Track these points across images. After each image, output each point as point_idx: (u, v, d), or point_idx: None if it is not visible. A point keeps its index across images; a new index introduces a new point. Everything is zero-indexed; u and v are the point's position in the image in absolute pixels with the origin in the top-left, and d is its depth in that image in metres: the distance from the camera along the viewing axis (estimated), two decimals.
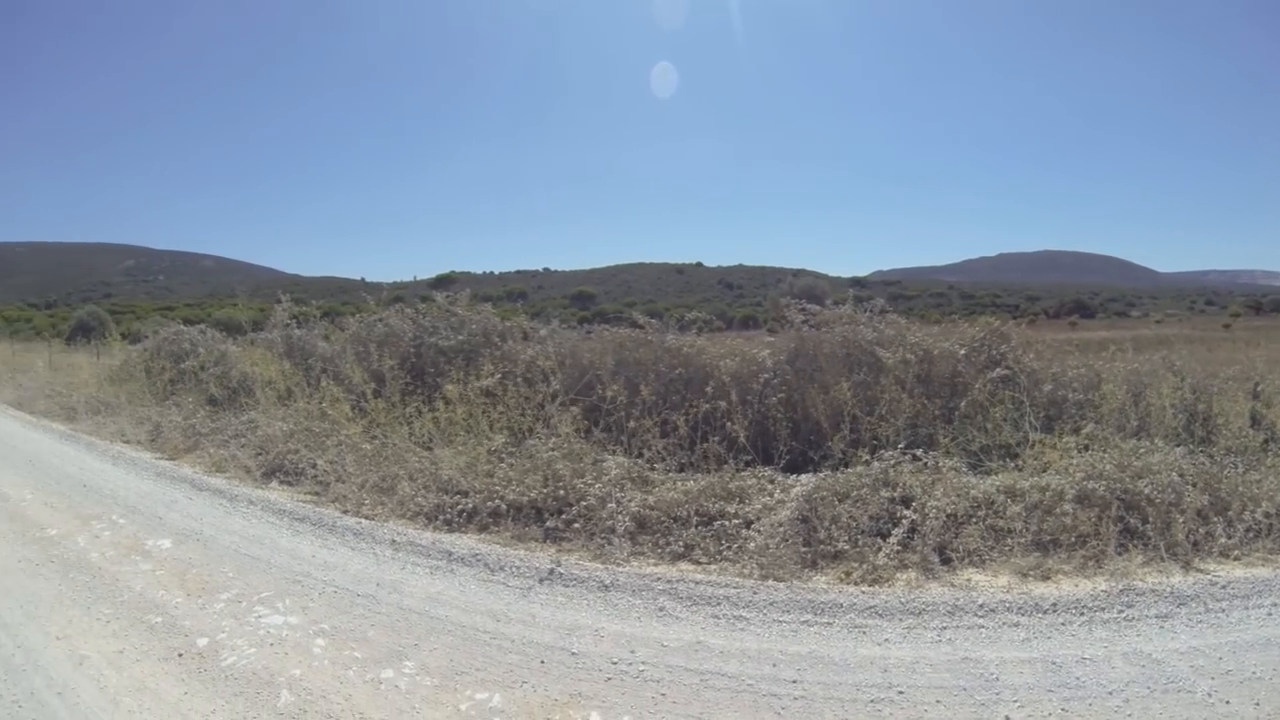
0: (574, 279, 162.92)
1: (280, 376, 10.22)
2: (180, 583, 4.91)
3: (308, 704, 3.42)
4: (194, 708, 3.43)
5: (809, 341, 7.30)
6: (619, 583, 4.68)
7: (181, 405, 10.73)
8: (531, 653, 3.87)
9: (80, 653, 4.00)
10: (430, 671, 3.68)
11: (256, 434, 8.52)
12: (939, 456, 5.78)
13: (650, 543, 5.24)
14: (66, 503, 7.00)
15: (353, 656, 3.86)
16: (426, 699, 3.44)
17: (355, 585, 4.79)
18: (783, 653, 3.82)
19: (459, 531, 5.72)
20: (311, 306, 12.47)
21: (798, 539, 4.97)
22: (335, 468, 6.99)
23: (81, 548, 5.68)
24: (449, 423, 7.29)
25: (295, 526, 6.01)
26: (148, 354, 13.74)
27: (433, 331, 9.18)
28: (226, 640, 4.07)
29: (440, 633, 4.12)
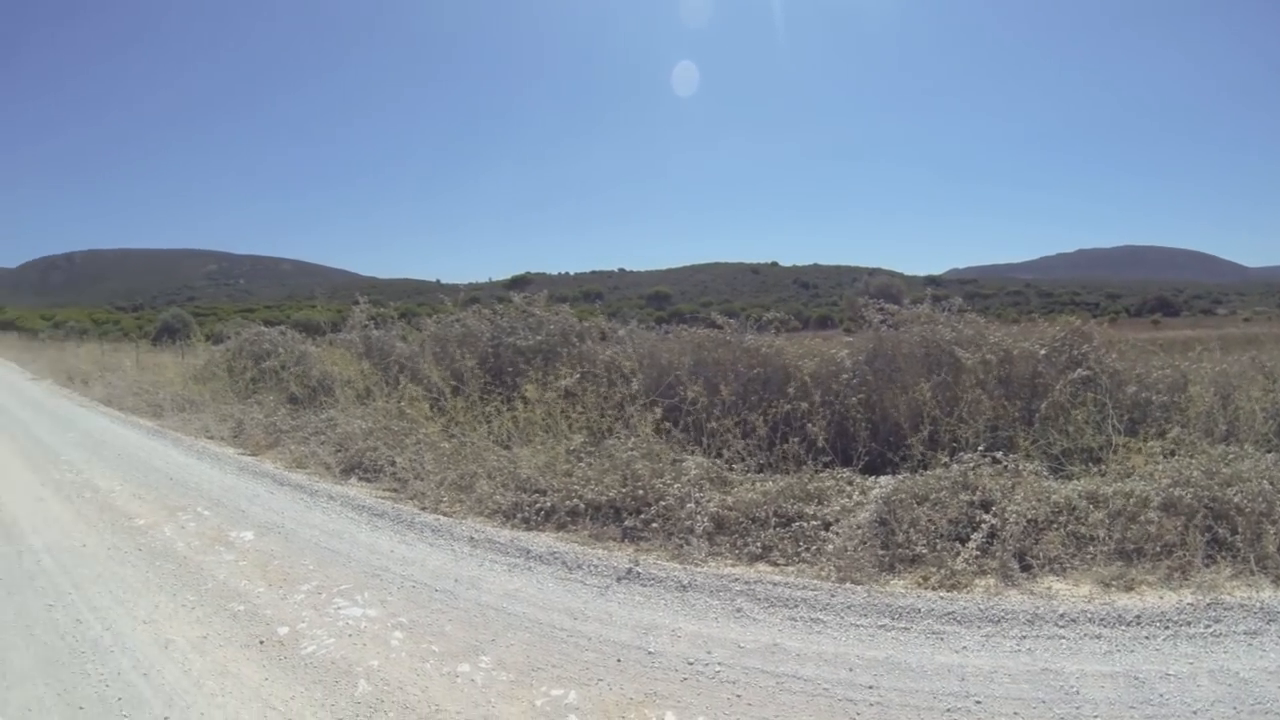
0: (649, 279, 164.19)
1: (359, 376, 10.59)
2: (262, 573, 5.14)
3: (385, 694, 3.53)
4: (274, 693, 3.58)
5: (887, 341, 7.27)
6: (696, 583, 4.71)
7: (263, 403, 11.26)
8: (608, 651, 3.92)
9: (165, 636, 4.23)
10: (506, 667, 3.77)
11: (336, 431, 8.88)
12: (1019, 459, 5.66)
13: (728, 543, 5.26)
14: (154, 495, 7.43)
15: (430, 650, 3.97)
16: (502, 694, 3.52)
17: (433, 580, 4.93)
18: (859, 657, 3.79)
19: (537, 530, 5.84)
20: (389, 308, 12.86)
21: (875, 542, 4.93)
22: (414, 465, 7.23)
23: (168, 537, 6.02)
24: (528, 422, 7.44)
25: (374, 522, 6.23)
26: (230, 354, 14.44)
27: (511, 332, 9.39)
28: (306, 630, 4.24)
29: (517, 629, 4.21)
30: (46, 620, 4.51)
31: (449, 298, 11.88)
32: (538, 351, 8.95)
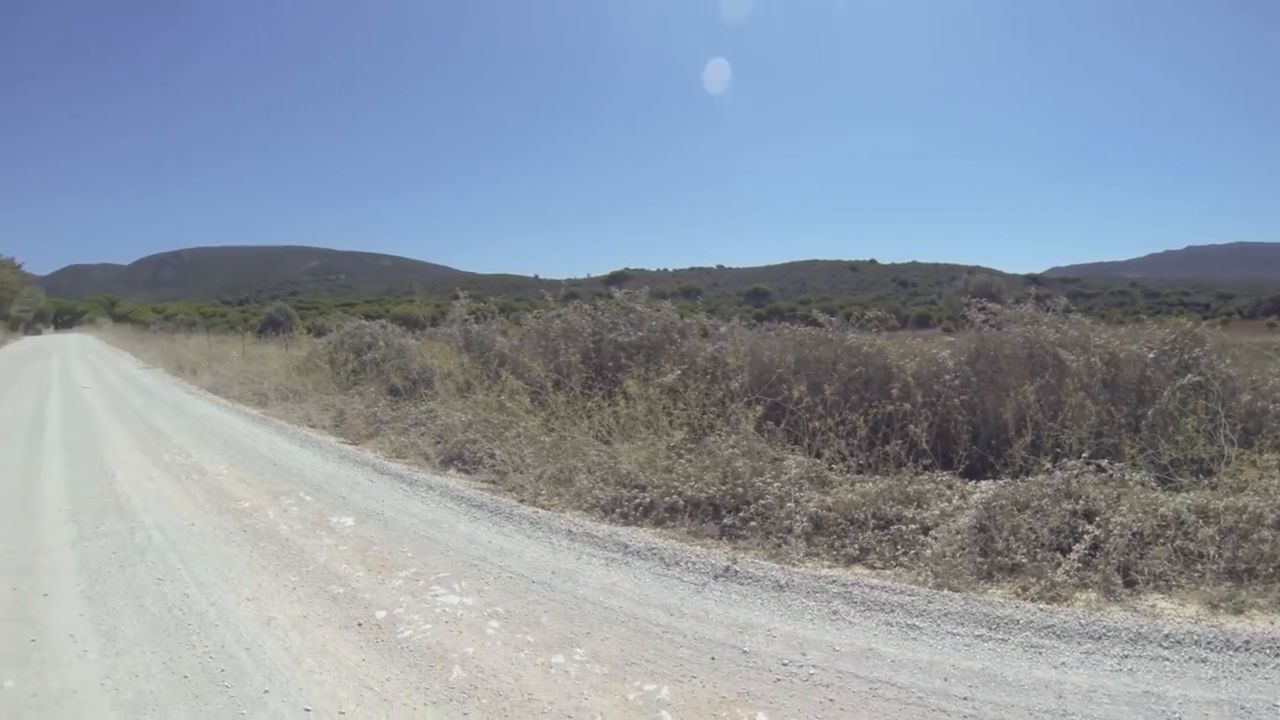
0: (748, 276, 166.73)
1: (459, 369, 10.90)
2: (361, 558, 5.36)
3: (478, 681, 3.64)
4: (370, 674, 3.73)
5: (990, 342, 7.11)
6: (794, 583, 4.70)
7: (364, 394, 11.78)
8: (702, 648, 3.95)
9: (267, 614, 4.46)
10: (601, 660, 3.83)
11: (436, 423, 9.18)
12: (1125, 468, 5.44)
13: (826, 544, 5.25)
14: (258, 479, 7.87)
15: (525, 640, 4.07)
16: (595, 686, 3.58)
17: (530, 572, 5.05)
18: (955, 667, 3.72)
19: (635, 525, 5.92)
20: (489, 303, 13.18)
21: (974, 548, 4.82)
22: (513, 458, 7.41)
23: (271, 520, 6.35)
24: (629, 418, 7.54)
25: (473, 513, 6.41)
26: (332, 346, 15.11)
27: (612, 328, 9.54)
28: (404, 615, 4.40)
29: (613, 623, 4.27)
30: (156, 593, 4.83)
31: (549, 293, 12.10)
32: (639, 347, 9.08)
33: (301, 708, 3.44)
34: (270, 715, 3.39)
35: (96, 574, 5.21)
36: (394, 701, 3.48)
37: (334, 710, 3.41)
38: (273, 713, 3.41)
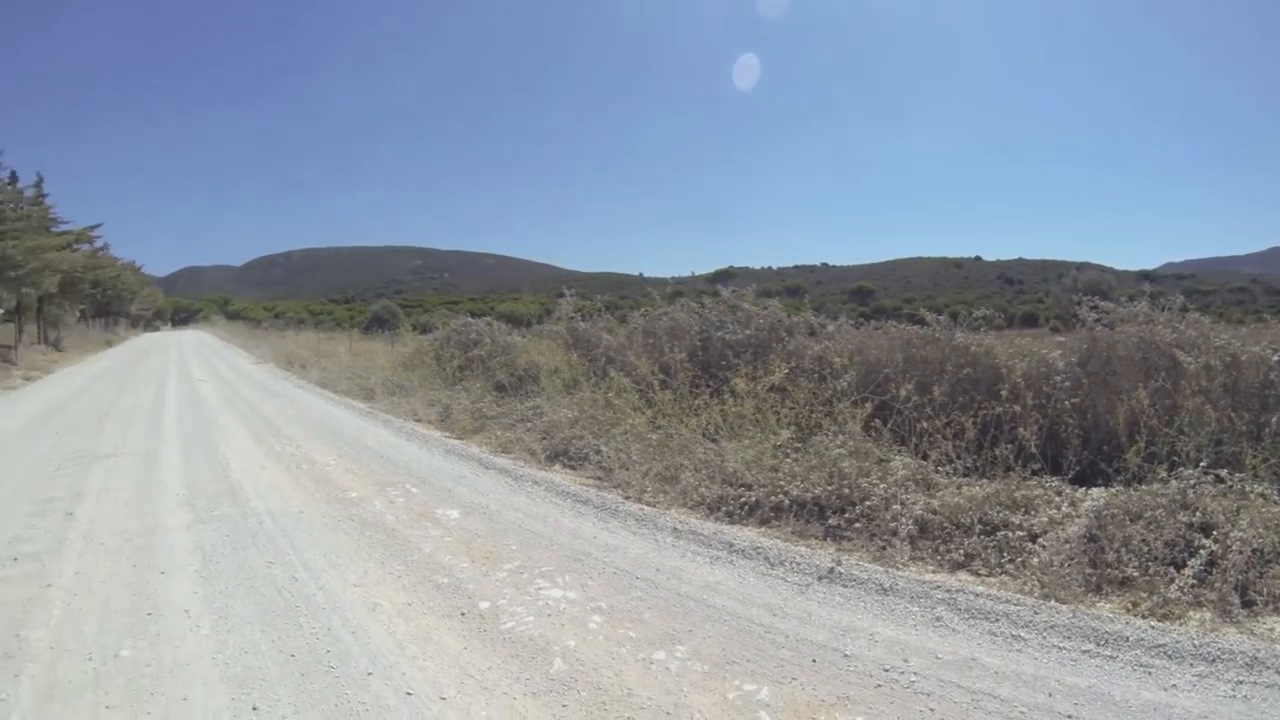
0: (852, 274, 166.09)
1: (566, 366, 11.09)
2: (466, 550, 5.52)
3: (579, 674, 3.70)
4: (472, 662, 3.84)
5: (1102, 342, 6.86)
6: (897, 587, 4.64)
7: (470, 390, 12.14)
8: (804, 650, 3.93)
9: (373, 600, 4.65)
10: (702, 658, 3.85)
11: (542, 419, 9.41)
12: (1246, 480, 5.14)
13: (930, 548, 5.17)
14: (365, 470, 8.20)
15: (627, 635, 4.12)
16: (695, 684, 3.60)
17: (634, 568, 5.11)
18: (1060, 682, 3.59)
19: (740, 524, 5.95)
20: (595, 300, 13.37)
21: (1084, 559, 4.66)
22: (620, 455, 7.53)
23: (378, 510, 6.60)
24: (737, 416, 7.55)
25: (578, 508, 6.53)
26: (438, 343, 15.62)
27: (719, 326, 9.60)
28: (507, 606, 4.51)
29: (715, 621, 4.29)
30: (266, 575, 5.10)
31: (656, 291, 12.21)
32: (747, 346, 9.11)
33: (403, 691, 3.57)
34: (373, 696, 3.53)
35: (210, 555, 5.54)
36: (494, 690, 3.56)
37: (434, 695, 3.53)
38: (375, 694, 3.55)
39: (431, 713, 3.38)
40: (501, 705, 3.43)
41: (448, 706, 3.42)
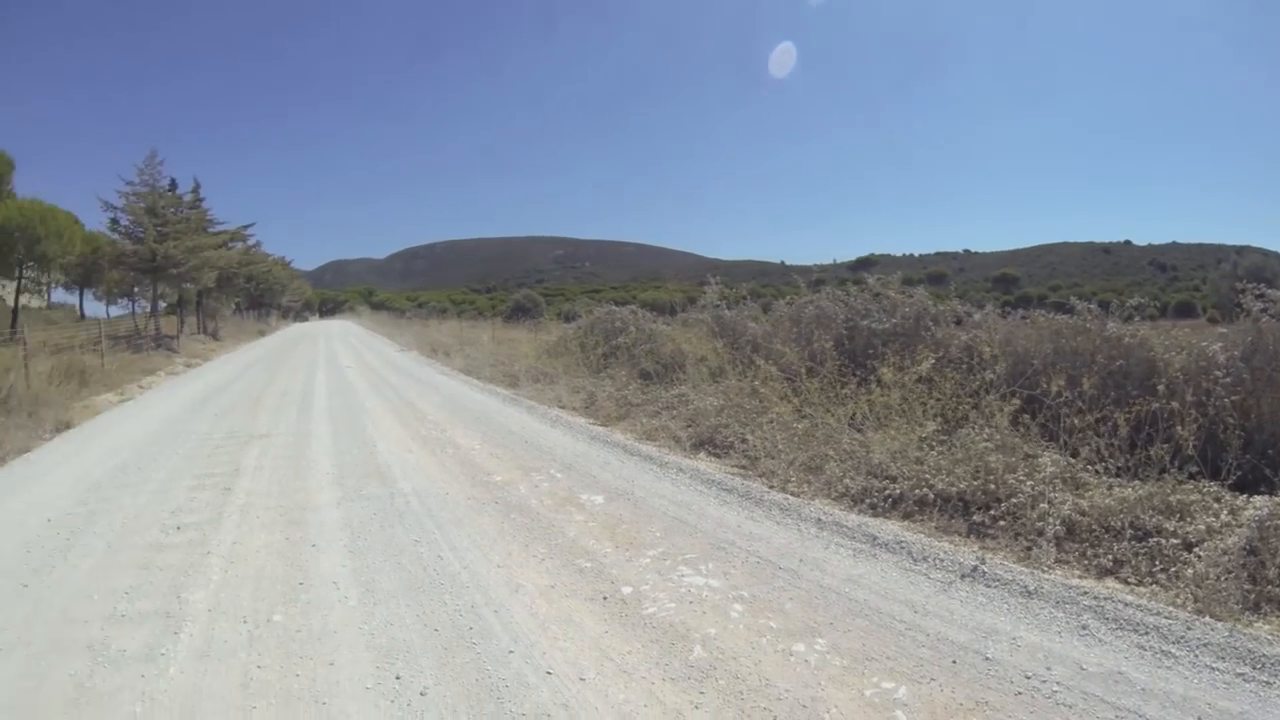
0: (995, 261, 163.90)
1: (712, 354, 11.15)
2: (610, 535, 5.66)
3: (718, 662, 3.75)
4: (612, 645, 3.95)
5: (1269, 335, 6.35)
6: (1042, 590, 4.48)
7: (614, 377, 12.40)
8: (944, 650, 3.86)
9: (516, 581, 4.83)
10: (841, 652, 3.84)
11: (687, 407, 9.53)
12: None
13: (1077, 551, 4.99)
14: (510, 455, 8.49)
15: (767, 625, 4.15)
16: (833, 678, 3.59)
17: (777, 558, 5.13)
18: (1211, 706, 3.37)
19: (883, 517, 5.91)
20: (741, 288, 13.39)
21: (1243, 573, 4.35)
22: (765, 444, 7.55)
23: (522, 494, 6.84)
24: (883, 407, 7.49)
25: (722, 496, 6.59)
26: (582, 331, 15.95)
27: (865, 314, 9.53)
28: (649, 592, 4.60)
29: (856, 615, 4.27)
30: (412, 553, 5.38)
31: (801, 279, 12.18)
32: (893, 335, 9.04)
33: (543, 670, 3.70)
34: (513, 673, 3.67)
35: (359, 532, 5.88)
36: (633, 674, 3.65)
37: (574, 676, 3.64)
38: (515, 671, 3.69)
39: (570, 692, 3.48)
40: (640, 689, 3.51)
41: (586, 687, 3.53)
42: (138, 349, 25.79)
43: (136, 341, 28.05)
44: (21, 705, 3.66)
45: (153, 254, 31.12)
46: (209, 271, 35.97)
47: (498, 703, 3.42)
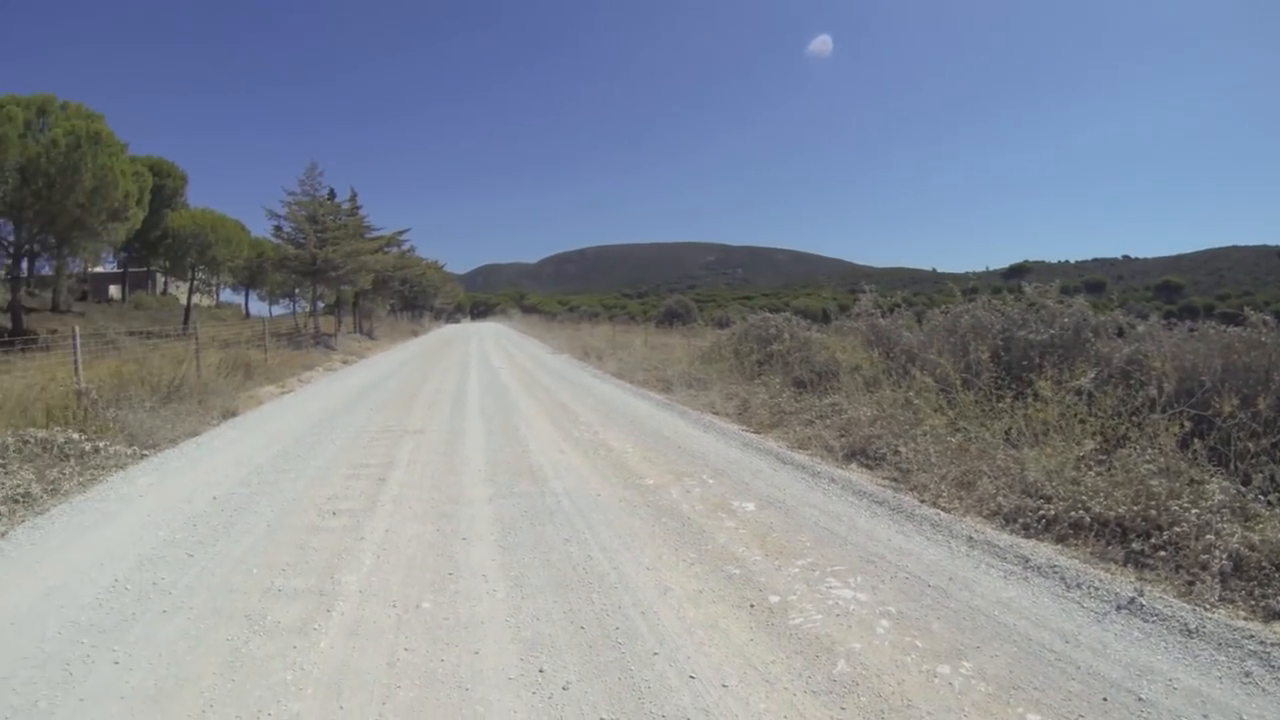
0: (1157, 267, 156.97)
1: (867, 363, 11.01)
2: (760, 543, 5.65)
3: (860, 678, 3.69)
4: (756, 654, 3.95)
5: None
6: (1204, 630, 4.18)
7: (768, 385, 12.36)
8: (1095, 685, 3.66)
9: (664, 584, 4.88)
10: (986, 678, 3.71)
11: (841, 417, 9.43)
12: None
13: (1244, 590, 4.60)
14: (662, 459, 8.59)
15: (913, 644, 4.06)
16: (977, 704, 3.47)
17: (927, 575, 5.01)
18: None
19: (1036, 538, 5.67)
20: (895, 296, 13.19)
21: None
22: (918, 456, 7.40)
23: (674, 499, 6.91)
24: (1040, 422, 7.21)
25: (873, 509, 6.49)
26: (736, 337, 15.99)
27: (1022, 324, 9.19)
28: (796, 602, 4.58)
29: (1004, 640, 4.12)
30: (562, 551, 5.52)
31: (957, 286, 11.96)
32: (1051, 346, 8.69)
33: (687, 674, 3.73)
34: (656, 675, 3.72)
35: (509, 528, 6.08)
36: (775, 684, 3.64)
37: (717, 682, 3.66)
38: (659, 673, 3.74)
39: (711, 698, 3.50)
40: (781, 700, 3.49)
41: (728, 694, 3.54)
42: (297, 346, 27.27)
43: (297, 339, 29.74)
44: (182, 661, 4.01)
45: (313, 258, 33.41)
46: (366, 274, 38.10)
47: (638, 703, 3.47)
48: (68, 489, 7.45)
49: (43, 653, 4.12)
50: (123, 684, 3.78)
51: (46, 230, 25.36)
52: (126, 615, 4.57)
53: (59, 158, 23.19)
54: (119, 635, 4.30)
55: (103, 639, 4.26)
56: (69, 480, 7.68)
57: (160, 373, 12.86)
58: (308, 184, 35.12)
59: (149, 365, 13.31)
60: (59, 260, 31.18)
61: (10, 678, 3.87)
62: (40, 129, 23.67)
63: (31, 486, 7.11)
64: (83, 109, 25.08)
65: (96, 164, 23.94)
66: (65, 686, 3.77)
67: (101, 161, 24.13)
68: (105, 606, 4.71)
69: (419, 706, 3.49)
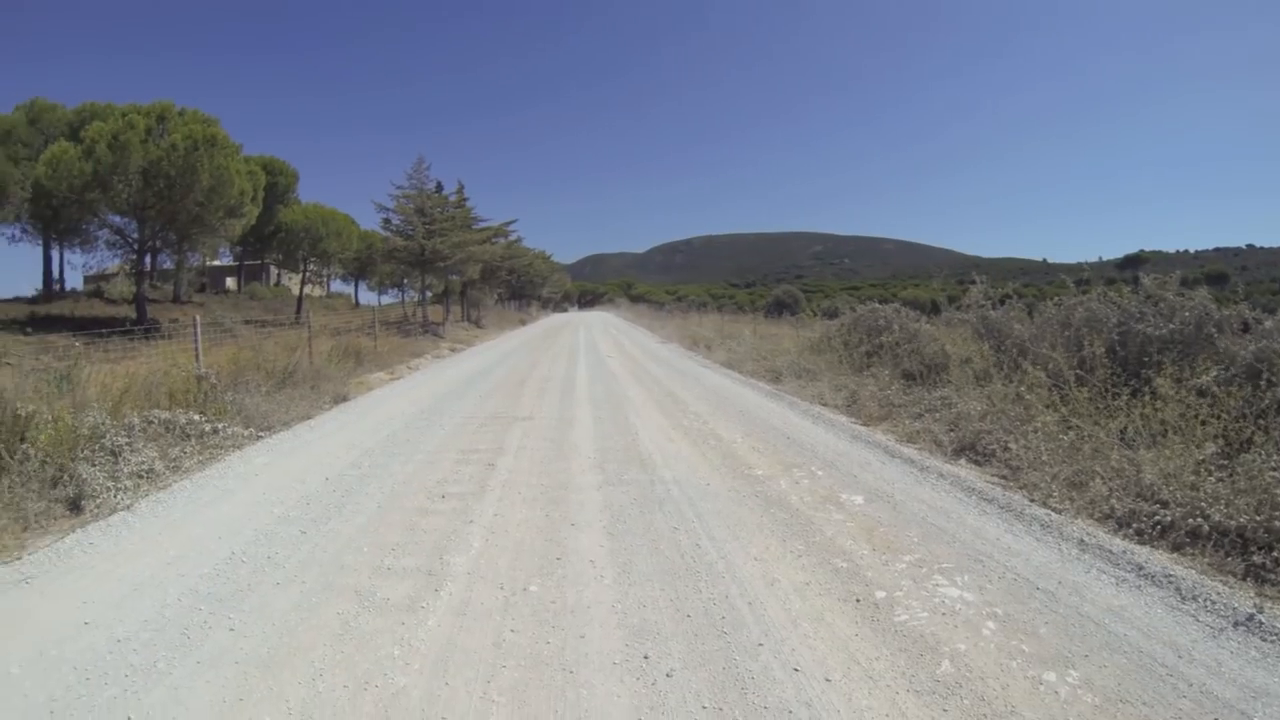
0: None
1: (977, 356, 10.80)
2: (867, 537, 5.61)
3: (964, 681, 3.63)
4: (860, 649, 3.93)
5: None
6: None
7: (877, 376, 12.26)
8: (1207, 705, 3.49)
9: (771, 575, 4.90)
10: (1093, 688, 3.59)
11: (950, 411, 9.28)
12: None
13: None
14: (771, 450, 8.60)
15: (1019, 648, 3.96)
16: (1083, 716, 3.37)
17: (1036, 577, 4.89)
18: None
19: (1150, 545, 5.42)
20: (1005, 287, 12.90)
21: None
22: (1028, 454, 7.23)
23: (782, 490, 6.92)
24: (1159, 423, 6.93)
25: (982, 506, 6.36)
26: (844, 328, 15.83)
27: (1139, 318, 8.82)
28: (902, 599, 4.54)
29: (1113, 650, 3.97)
30: (670, 539, 5.58)
31: (1068, 277, 11.55)
32: (1171, 342, 8.30)
33: (791, 666, 3.74)
34: (760, 666, 3.74)
35: (618, 515, 6.18)
36: (878, 681, 3.62)
37: (820, 676, 3.66)
38: (763, 665, 3.76)
39: (814, 691, 3.51)
40: (883, 697, 3.47)
41: (831, 689, 3.54)
42: (406, 334, 28.10)
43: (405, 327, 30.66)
44: (294, 631, 4.24)
45: (421, 249, 34.53)
46: (474, 265, 39.10)
47: (741, 693, 3.50)
48: (188, 467, 7.96)
49: (162, 617, 4.43)
50: (237, 649, 4.02)
51: (167, 228, 26.94)
52: (242, 586, 4.86)
53: (178, 160, 24.44)
54: (235, 604, 4.59)
55: (219, 607, 4.55)
56: (190, 459, 8.21)
57: (274, 359, 13.52)
58: (415, 178, 36.33)
59: (264, 352, 13.94)
60: (179, 255, 33.24)
61: (131, 639, 4.17)
62: (160, 134, 24.94)
63: (155, 464, 7.62)
64: (199, 114, 26.28)
65: (213, 165, 25.16)
66: (183, 649, 4.04)
67: (218, 162, 25.29)
68: (222, 577, 5.02)
69: (523, 686, 3.59)
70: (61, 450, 6.96)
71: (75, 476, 6.75)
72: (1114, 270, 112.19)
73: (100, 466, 7.11)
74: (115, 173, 23.65)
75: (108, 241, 29.79)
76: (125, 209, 25.58)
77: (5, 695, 3.65)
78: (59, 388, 8.91)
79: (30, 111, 33.97)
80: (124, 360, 12.15)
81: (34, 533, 5.98)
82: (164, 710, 3.48)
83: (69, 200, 24.90)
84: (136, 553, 5.51)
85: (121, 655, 3.98)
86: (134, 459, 7.48)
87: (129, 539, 5.83)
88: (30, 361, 11.13)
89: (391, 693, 3.55)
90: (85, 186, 23.75)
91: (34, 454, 6.69)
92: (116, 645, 4.10)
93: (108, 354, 12.53)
